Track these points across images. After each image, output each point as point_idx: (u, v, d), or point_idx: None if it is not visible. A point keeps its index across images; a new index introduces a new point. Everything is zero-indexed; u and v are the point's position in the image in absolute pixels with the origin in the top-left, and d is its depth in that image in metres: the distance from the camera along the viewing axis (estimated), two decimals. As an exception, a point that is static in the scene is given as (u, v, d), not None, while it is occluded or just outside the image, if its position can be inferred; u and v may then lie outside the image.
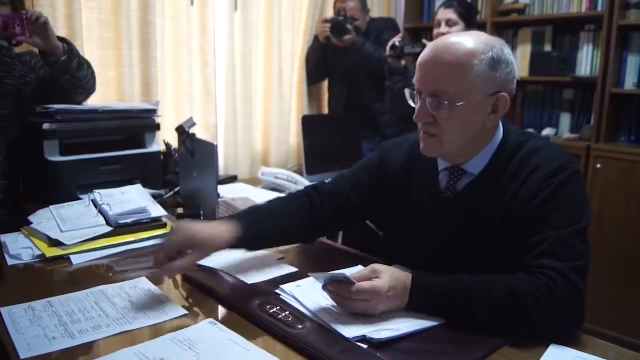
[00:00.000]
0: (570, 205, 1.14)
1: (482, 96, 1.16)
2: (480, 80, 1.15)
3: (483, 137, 1.23)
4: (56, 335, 1.04)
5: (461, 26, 2.62)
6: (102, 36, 2.33)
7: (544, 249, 1.09)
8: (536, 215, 1.14)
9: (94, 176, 1.85)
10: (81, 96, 1.90)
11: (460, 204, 1.26)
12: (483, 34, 1.22)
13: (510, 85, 1.20)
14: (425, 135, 1.23)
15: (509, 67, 1.18)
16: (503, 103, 1.18)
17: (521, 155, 1.21)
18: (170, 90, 2.62)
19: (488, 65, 1.14)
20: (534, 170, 1.18)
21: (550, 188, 1.14)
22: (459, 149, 1.23)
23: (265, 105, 3.01)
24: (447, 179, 1.29)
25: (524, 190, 1.17)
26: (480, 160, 1.24)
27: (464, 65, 1.14)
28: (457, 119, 1.17)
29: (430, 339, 1.04)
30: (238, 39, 2.77)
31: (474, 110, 1.17)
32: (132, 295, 1.22)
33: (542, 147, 1.22)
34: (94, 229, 1.55)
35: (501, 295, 1.04)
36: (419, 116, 1.21)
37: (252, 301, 1.17)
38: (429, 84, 1.18)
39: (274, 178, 2.41)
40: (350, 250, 1.57)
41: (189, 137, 1.79)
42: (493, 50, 1.15)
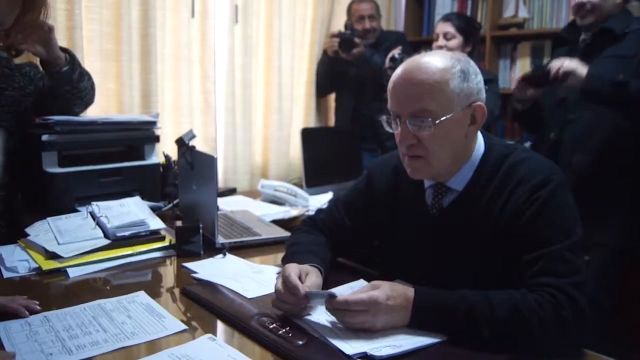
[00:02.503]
0: (559, 218, 1.14)
1: (460, 108, 1.17)
2: (457, 93, 1.16)
3: (465, 151, 1.23)
4: (53, 351, 1.01)
5: (459, 40, 2.63)
6: (102, 48, 2.33)
7: (541, 266, 1.09)
8: (527, 231, 1.13)
9: (92, 188, 1.83)
10: (80, 107, 1.89)
11: (446, 220, 1.26)
12: (444, 51, 1.25)
13: (482, 94, 1.21)
14: (410, 159, 1.22)
15: (477, 76, 1.20)
16: (480, 112, 1.19)
17: (505, 168, 1.21)
18: (170, 102, 2.61)
19: (460, 77, 1.16)
20: (519, 183, 1.17)
21: (538, 202, 1.14)
22: (446, 166, 1.23)
23: (264, 117, 3.01)
24: (432, 197, 1.29)
25: (510, 204, 1.17)
26: (463, 176, 1.24)
27: (440, 80, 1.15)
28: (441, 136, 1.17)
29: (432, 355, 1.02)
30: (238, 52, 2.77)
31: (455, 123, 1.17)
32: (131, 310, 1.20)
33: (526, 159, 1.21)
34: (91, 242, 1.53)
35: (505, 313, 1.03)
36: (402, 140, 1.20)
37: (252, 316, 1.15)
38: (407, 106, 1.18)
39: (273, 190, 2.40)
40: (351, 264, 1.56)
41: (188, 149, 1.78)
42: (460, 63, 1.17)
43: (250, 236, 1.73)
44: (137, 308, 1.21)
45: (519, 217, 1.15)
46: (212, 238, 1.63)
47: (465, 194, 1.24)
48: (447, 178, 1.25)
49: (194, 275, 1.41)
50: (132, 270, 1.49)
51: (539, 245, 1.11)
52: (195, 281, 1.38)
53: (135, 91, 2.41)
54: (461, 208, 1.24)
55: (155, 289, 1.33)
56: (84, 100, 1.86)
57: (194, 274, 1.41)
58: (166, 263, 1.57)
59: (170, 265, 1.56)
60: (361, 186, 1.45)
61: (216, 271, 1.43)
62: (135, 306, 1.22)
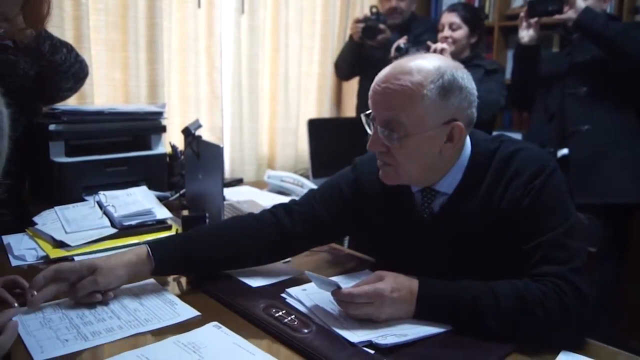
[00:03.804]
0: (554, 205, 1.13)
1: (434, 125, 1.13)
2: (431, 110, 1.11)
3: (445, 162, 1.19)
4: (69, 337, 1.02)
5: (464, 30, 2.61)
6: (108, 38, 2.33)
7: (540, 255, 1.08)
8: (525, 221, 1.12)
9: (99, 177, 1.84)
10: (69, 82, 1.80)
11: (439, 223, 1.23)
12: (437, 57, 1.19)
13: (466, 111, 1.16)
14: (381, 164, 1.21)
15: (463, 92, 1.14)
16: (458, 132, 1.14)
17: (496, 163, 1.19)
18: (177, 92, 2.61)
19: (439, 94, 1.11)
20: (514, 175, 1.16)
21: (533, 192, 1.13)
22: (417, 177, 1.21)
23: (271, 108, 3.00)
24: (421, 201, 1.25)
25: (507, 197, 1.15)
26: (451, 180, 1.21)
27: (414, 96, 1.10)
28: (409, 150, 1.14)
29: (437, 344, 1.02)
30: (244, 42, 2.76)
31: (426, 140, 1.14)
32: (142, 297, 1.21)
33: (517, 151, 1.19)
34: (98, 231, 1.54)
35: (509, 302, 1.03)
36: (371, 145, 1.18)
37: (257, 304, 1.16)
38: (379, 113, 1.15)
39: (279, 181, 2.40)
40: (357, 255, 1.56)
41: (194, 139, 1.79)
42: (443, 78, 1.11)
43: (256, 226, 1.73)
44: (148, 295, 1.22)
45: (515, 209, 1.14)
46: (219, 227, 1.63)
47: (456, 196, 1.21)
48: (433, 183, 1.22)
49: (200, 264, 1.41)
50: (139, 259, 1.49)
51: (538, 233, 1.10)
52: (202, 270, 1.38)
53: (142, 81, 2.41)
54: (454, 210, 1.21)
55: (163, 277, 1.33)
56: (69, 74, 1.78)
57: (200, 263, 1.41)
58: (173, 252, 1.57)
59: (176, 254, 1.56)
60: (345, 181, 1.37)
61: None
62: (147, 293, 1.23)
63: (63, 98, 1.89)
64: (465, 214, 1.20)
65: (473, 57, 2.65)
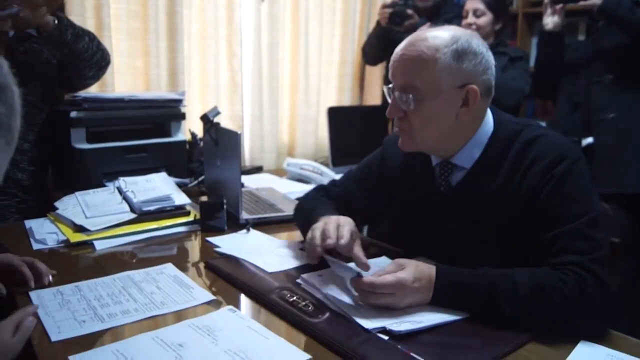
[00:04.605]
0: (577, 195, 1.11)
1: (448, 89, 1.14)
2: (445, 73, 1.13)
3: (461, 130, 1.20)
4: (85, 318, 1.04)
5: (489, 16, 2.56)
6: (129, 26, 2.34)
7: (562, 245, 1.06)
8: (545, 210, 1.11)
9: (119, 164, 1.87)
10: (91, 70, 1.85)
11: (456, 198, 1.24)
12: (455, 27, 1.21)
13: (481, 77, 1.17)
14: (398, 130, 1.23)
15: (477, 57, 1.15)
16: (473, 95, 1.15)
17: (517, 146, 1.18)
18: (197, 80, 2.62)
19: (452, 57, 1.13)
20: (534, 161, 1.14)
21: (554, 180, 1.11)
22: (432, 144, 1.22)
23: (291, 96, 3.00)
24: (439, 174, 1.27)
25: (526, 183, 1.14)
26: (468, 153, 1.22)
27: (427, 59, 1.13)
28: (425, 113, 1.16)
29: (453, 332, 1.01)
30: (265, 30, 2.75)
31: (441, 103, 1.16)
32: (159, 281, 1.22)
33: (539, 137, 1.17)
34: (117, 216, 1.56)
35: (527, 290, 1.01)
36: (390, 111, 1.21)
37: (273, 289, 1.16)
38: (397, 79, 1.19)
39: (299, 169, 2.40)
40: (375, 242, 1.55)
41: (213, 126, 1.79)
42: (458, 43, 1.14)
43: (275, 212, 1.74)
44: (165, 279, 1.23)
45: (535, 196, 1.12)
46: (236, 214, 1.63)
47: (474, 172, 1.22)
48: (450, 154, 1.23)
49: (217, 250, 1.42)
50: (157, 244, 1.51)
51: (558, 223, 1.08)
52: (218, 255, 1.39)
53: (163, 69, 2.42)
54: (471, 186, 1.22)
55: (180, 262, 1.34)
56: (91, 62, 1.82)
57: (217, 249, 1.43)
58: (191, 237, 1.58)
59: (194, 239, 1.57)
60: (375, 160, 1.44)
61: (239, 246, 1.44)
62: (164, 277, 1.24)
63: (86, 86, 1.92)
64: (481, 192, 1.20)
65: (497, 44, 2.60)
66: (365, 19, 3.17)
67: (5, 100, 0.52)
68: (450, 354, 0.94)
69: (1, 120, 0.52)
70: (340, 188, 1.48)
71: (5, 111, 0.52)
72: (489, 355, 0.93)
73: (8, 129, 0.53)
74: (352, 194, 1.44)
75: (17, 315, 0.95)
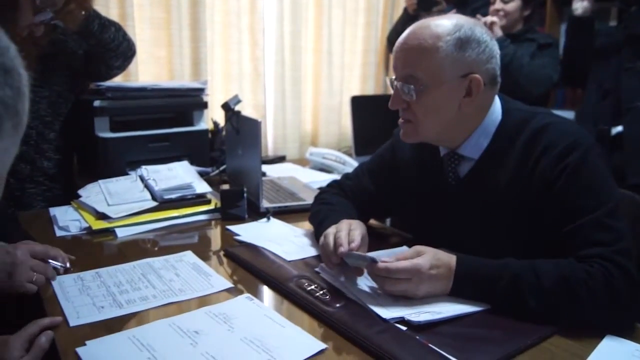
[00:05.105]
0: (593, 185, 1.06)
1: (450, 79, 1.11)
2: (447, 62, 1.10)
3: (465, 121, 1.17)
4: (104, 304, 1.05)
5: (517, 2, 2.49)
6: (153, 16, 2.35)
7: (584, 237, 1.03)
8: (561, 202, 1.07)
9: (142, 152, 1.88)
10: (117, 60, 1.85)
11: (464, 190, 1.21)
12: (458, 15, 1.18)
13: (485, 65, 1.13)
14: (402, 122, 1.21)
15: (481, 46, 1.12)
16: (476, 85, 1.12)
17: (527, 135, 1.14)
18: (220, 69, 2.62)
19: (455, 45, 1.10)
20: (545, 150, 1.10)
21: (568, 170, 1.07)
22: (436, 135, 1.19)
23: (314, 85, 2.98)
24: (447, 165, 1.24)
25: (537, 173, 1.10)
26: (475, 143, 1.19)
27: (428, 48, 1.10)
28: (427, 104, 1.14)
29: (473, 323, 0.99)
30: (287, 19, 2.73)
31: (444, 93, 1.13)
32: (178, 268, 1.23)
33: (550, 124, 1.13)
34: (139, 204, 1.57)
35: (552, 281, 0.98)
36: (392, 102, 1.19)
37: (291, 277, 1.15)
38: (398, 70, 1.17)
39: (321, 158, 2.39)
40: (396, 231, 1.53)
41: (234, 114, 1.79)
42: (460, 31, 1.11)
43: (295, 201, 1.73)
44: (184, 267, 1.24)
45: (548, 187, 1.08)
46: (257, 202, 1.63)
47: (482, 163, 1.19)
48: (455, 145, 1.20)
49: (236, 238, 1.42)
50: (178, 232, 1.52)
51: (577, 215, 1.04)
52: (238, 243, 1.39)
53: (186, 59, 2.43)
54: (479, 177, 1.19)
55: (200, 250, 1.34)
56: (118, 52, 1.83)
57: (237, 237, 1.43)
58: (211, 226, 1.59)
59: (215, 227, 1.58)
60: (386, 152, 1.42)
61: (259, 234, 1.44)
62: (183, 265, 1.25)
63: (112, 76, 1.93)
64: (490, 183, 1.17)
65: (526, 30, 2.54)
66: (389, 7, 3.13)
67: (11, 84, 0.52)
68: (470, 345, 0.92)
69: (7, 103, 0.51)
70: (352, 181, 1.46)
71: (11, 94, 0.52)
72: (510, 347, 0.91)
73: (15, 113, 0.53)
74: (364, 186, 1.42)
75: (30, 329, 0.92)
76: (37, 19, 1.44)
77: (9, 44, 0.53)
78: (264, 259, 1.27)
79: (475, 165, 1.20)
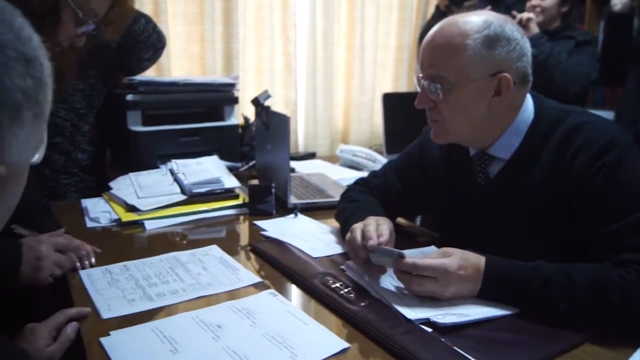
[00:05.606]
0: (631, 186, 1.02)
1: (479, 77, 1.08)
2: (475, 61, 1.07)
3: (494, 120, 1.13)
4: (135, 297, 1.06)
5: None
6: (186, 12, 2.37)
7: (620, 241, 0.99)
8: (597, 204, 1.03)
9: (173, 147, 1.89)
10: (147, 52, 1.87)
11: (494, 190, 1.18)
12: (488, 12, 1.14)
13: (515, 64, 1.09)
14: (430, 121, 1.18)
15: (511, 44, 1.08)
16: (505, 84, 1.08)
17: (560, 134, 1.10)
18: (252, 65, 2.63)
19: (483, 43, 1.06)
20: (579, 150, 1.06)
21: (604, 170, 1.02)
22: (465, 135, 1.16)
23: (346, 82, 2.96)
24: (477, 165, 1.21)
25: (572, 174, 1.06)
26: (507, 143, 1.15)
27: (456, 46, 1.07)
28: (455, 103, 1.10)
29: (501, 327, 0.96)
30: (320, 14, 2.72)
31: (472, 93, 1.09)
32: (205, 262, 1.23)
33: (585, 123, 1.09)
34: (168, 197, 1.59)
35: (584, 285, 0.94)
36: (418, 101, 1.16)
37: (315, 274, 1.14)
38: (424, 68, 1.14)
39: (352, 155, 2.37)
40: (425, 231, 1.50)
41: (264, 110, 1.78)
42: (490, 28, 1.07)
43: (324, 198, 1.72)
44: (211, 261, 1.24)
45: (583, 188, 1.04)
46: (285, 198, 1.63)
47: (512, 163, 1.15)
48: (486, 145, 1.17)
49: (263, 233, 1.42)
50: (205, 225, 1.53)
51: (613, 218, 1.00)
52: (264, 239, 1.39)
53: (218, 54, 2.44)
54: (510, 178, 1.15)
55: (227, 244, 1.35)
56: (148, 44, 1.84)
57: (264, 232, 1.42)
58: (239, 220, 1.59)
59: (242, 222, 1.58)
60: (415, 150, 1.39)
61: (285, 230, 1.43)
62: (209, 259, 1.25)
63: (143, 69, 1.95)
64: (522, 183, 1.13)
65: (564, 27, 2.47)
66: (423, 3, 3.08)
67: (32, 73, 0.52)
68: (497, 350, 0.89)
69: (28, 92, 0.52)
70: (379, 179, 1.44)
71: (32, 84, 0.52)
72: (538, 354, 0.88)
73: (36, 102, 0.53)
74: (391, 184, 1.40)
75: (57, 318, 0.93)
76: (79, 31, 1.46)
77: (32, 34, 0.54)
78: (290, 255, 1.26)
79: (506, 166, 1.16)
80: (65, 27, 1.43)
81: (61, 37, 1.44)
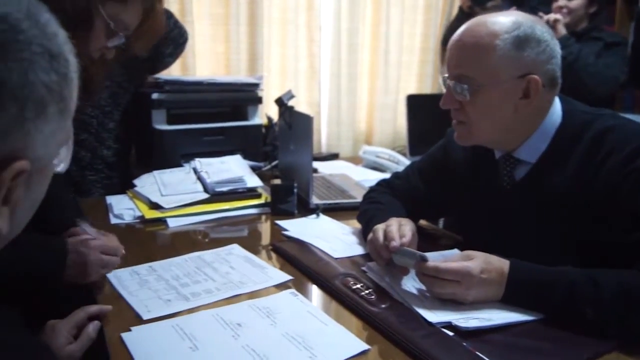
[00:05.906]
0: None
1: (507, 79, 1.05)
2: (504, 62, 1.05)
3: (522, 123, 1.11)
4: (170, 297, 1.06)
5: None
6: (212, 12, 2.39)
7: None
8: (626, 209, 1.00)
9: (197, 146, 1.90)
10: (168, 47, 1.88)
11: (520, 194, 1.15)
12: (517, 12, 1.11)
13: (545, 66, 1.06)
14: (455, 123, 1.15)
15: (541, 45, 1.05)
16: (534, 87, 1.05)
17: (589, 137, 1.07)
18: (276, 66, 2.64)
19: (512, 44, 1.04)
20: (609, 154, 1.03)
21: (635, 174, 0.99)
22: (491, 137, 1.14)
23: (370, 83, 2.95)
24: (502, 169, 1.18)
25: (602, 178, 1.03)
26: (534, 147, 1.12)
27: (485, 46, 1.05)
28: (481, 105, 1.08)
29: (525, 333, 0.94)
30: (344, 16, 2.71)
31: (499, 94, 1.07)
32: (230, 261, 1.24)
33: (615, 126, 1.06)
34: (191, 195, 1.60)
35: (612, 291, 0.92)
36: (443, 101, 1.14)
37: (336, 275, 1.14)
38: (451, 68, 1.12)
39: (375, 157, 2.36)
40: (448, 234, 1.49)
41: (287, 110, 1.79)
42: (520, 29, 1.05)
43: (346, 199, 1.71)
44: (236, 260, 1.25)
45: (612, 192, 1.01)
46: (307, 198, 1.63)
47: (539, 167, 1.12)
48: (512, 148, 1.15)
49: (284, 233, 1.42)
50: (228, 224, 1.54)
51: None
52: (286, 238, 1.39)
53: (243, 54, 2.45)
54: (536, 182, 1.13)
55: (248, 243, 1.35)
56: (168, 39, 1.84)
57: (285, 232, 1.42)
58: (261, 220, 1.60)
59: (264, 222, 1.59)
60: (438, 152, 1.38)
61: (307, 230, 1.43)
62: (234, 258, 1.26)
63: (165, 65, 1.97)
64: (548, 187, 1.10)
65: (591, 28, 2.42)
66: (448, 4, 3.05)
67: (57, 69, 0.53)
68: (520, 356, 0.88)
69: (52, 88, 0.52)
70: (402, 180, 1.43)
71: (57, 79, 0.53)
72: (563, 361, 0.86)
73: (60, 98, 0.54)
74: (414, 186, 1.39)
75: (77, 316, 0.93)
76: (110, 43, 1.48)
77: (57, 29, 0.54)
78: (311, 255, 1.26)
79: (532, 169, 1.14)
80: (97, 36, 1.45)
81: (92, 47, 1.45)
